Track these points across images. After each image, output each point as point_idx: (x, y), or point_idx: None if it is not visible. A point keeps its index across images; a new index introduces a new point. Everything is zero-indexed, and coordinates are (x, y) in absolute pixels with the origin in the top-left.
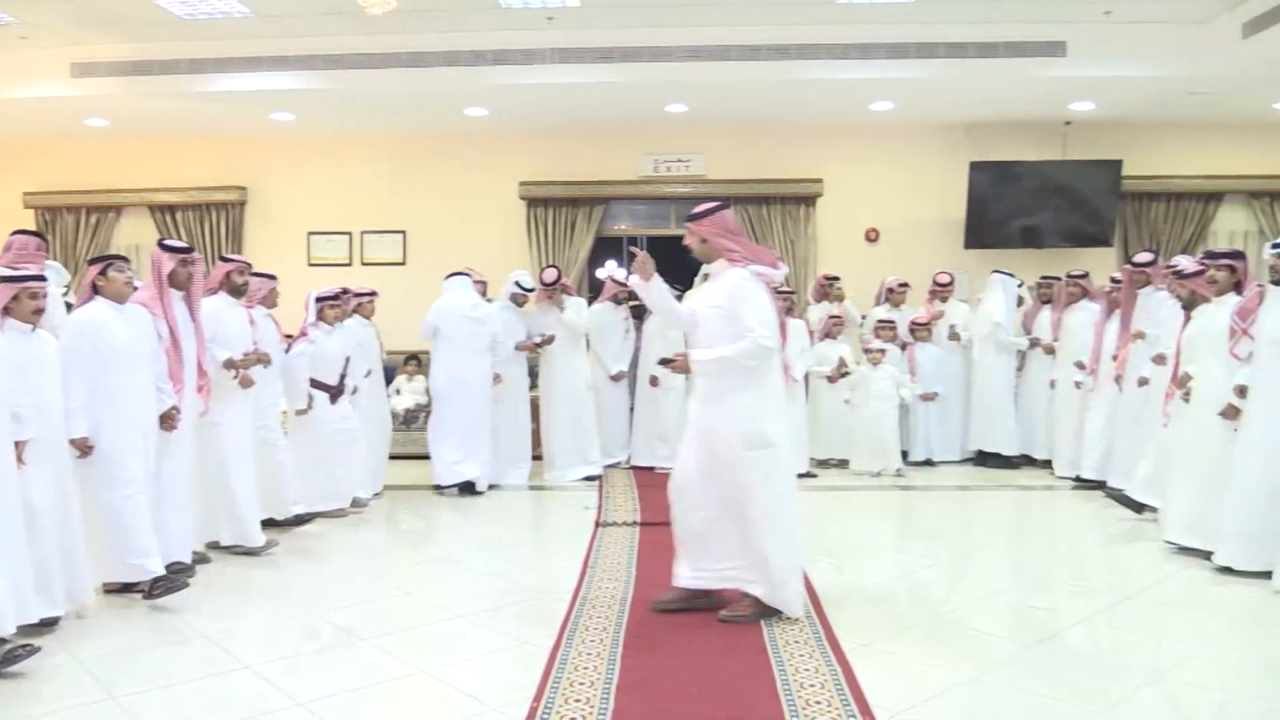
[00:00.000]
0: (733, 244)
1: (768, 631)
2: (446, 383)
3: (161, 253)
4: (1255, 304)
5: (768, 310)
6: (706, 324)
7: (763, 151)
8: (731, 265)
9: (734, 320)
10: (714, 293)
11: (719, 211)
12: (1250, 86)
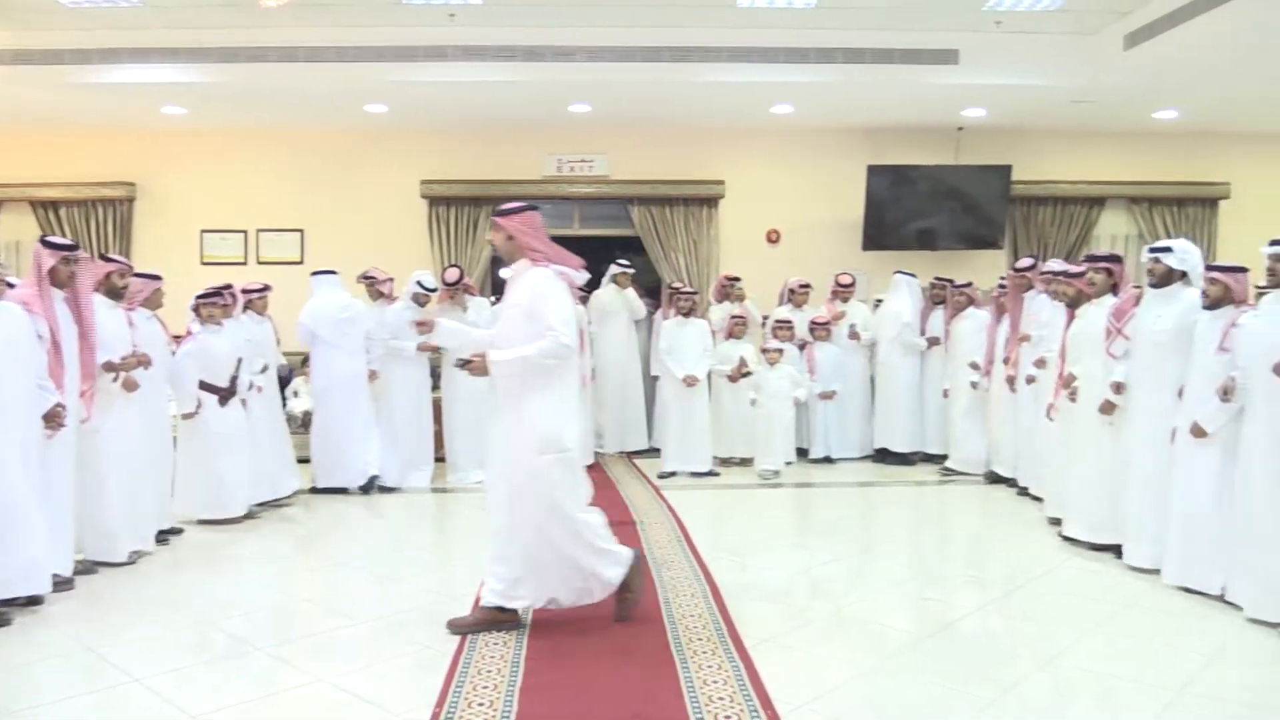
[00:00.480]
0: (538, 244)
1: (671, 630)
2: (325, 385)
3: (42, 249)
4: (1130, 305)
5: (568, 309)
6: (506, 324)
7: (665, 152)
8: (534, 265)
9: (534, 319)
10: (515, 292)
11: (528, 211)
12: (1131, 96)
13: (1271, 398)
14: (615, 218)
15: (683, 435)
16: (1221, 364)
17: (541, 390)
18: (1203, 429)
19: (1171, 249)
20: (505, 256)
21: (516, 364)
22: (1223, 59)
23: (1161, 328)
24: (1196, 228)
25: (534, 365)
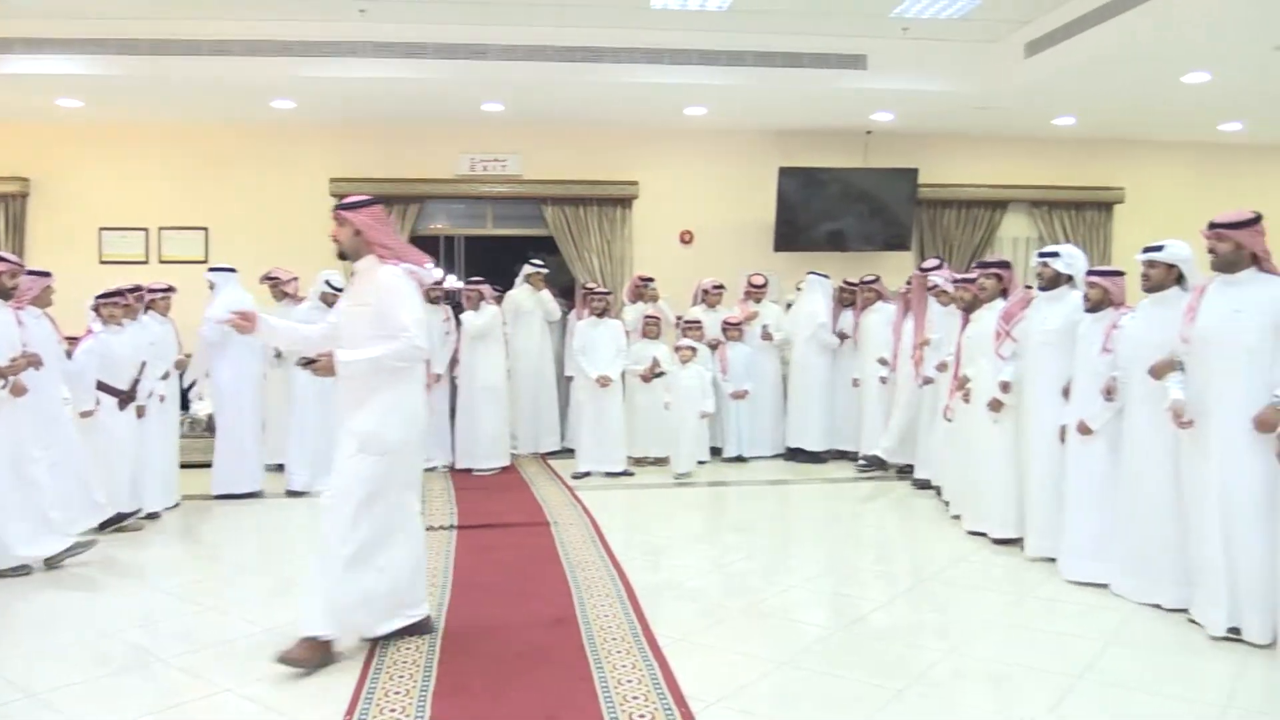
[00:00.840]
0: (387, 240)
1: (585, 630)
2: (227, 388)
3: None
4: (1019, 308)
5: (420, 310)
6: (351, 323)
7: (580, 153)
8: (382, 262)
9: (383, 319)
10: (361, 290)
11: (373, 204)
12: (1032, 103)
13: (1149, 396)
14: (529, 218)
15: (597, 435)
16: (1104, 364)
17: (382, 391)
18: (1089, 426)
19: (1059, 254)
20: (350, 253)
21: (365, 365)
22: (1117, 68)
23: (1049, 329)
24: (1093, 231)
25: (382, 367)
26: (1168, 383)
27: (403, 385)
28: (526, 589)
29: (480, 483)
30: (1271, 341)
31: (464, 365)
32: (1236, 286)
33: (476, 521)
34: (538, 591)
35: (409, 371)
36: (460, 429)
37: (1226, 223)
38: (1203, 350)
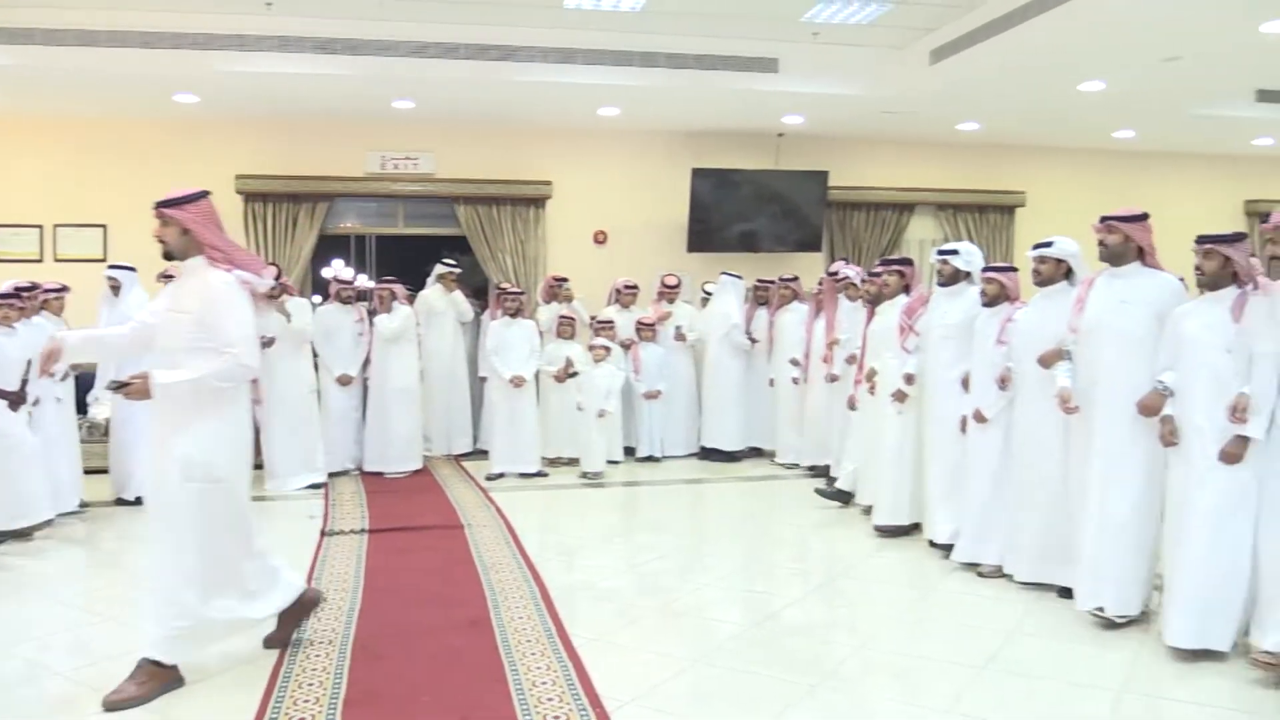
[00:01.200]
0: (218, 241)
1: (499, 633)
2: None
3: None
4: (920, 303)
5: (250, 324)
6: (168, 331)
7: (493, 152)
8: (211, 265)
9: (208, 331)
10: (184, 295)
11: (203, 199)
12: (937, 108)
13: (1040, 386)
14: (441, 217)
15: (510, 436)
16: (999, 356)
17: (207, 414)
18: (984, 415)
19: (958, 251)
20: (178, 254)
21: (186, 387)
22: (1017, 76)
23: (949, 323)
24: (996, 233)
25: (206, 388)
26: (1056, 371)
27: (229, 407)
28: (440, 592)
29: (392, 485)
30: (1155, 331)
31: (376, 367)
32: (1122, 279)
33: (388, 525)
34: (451, 595)
35: (235, 391)
36: (372, 431)
37: (1118, 216)
38: (1090, 340)
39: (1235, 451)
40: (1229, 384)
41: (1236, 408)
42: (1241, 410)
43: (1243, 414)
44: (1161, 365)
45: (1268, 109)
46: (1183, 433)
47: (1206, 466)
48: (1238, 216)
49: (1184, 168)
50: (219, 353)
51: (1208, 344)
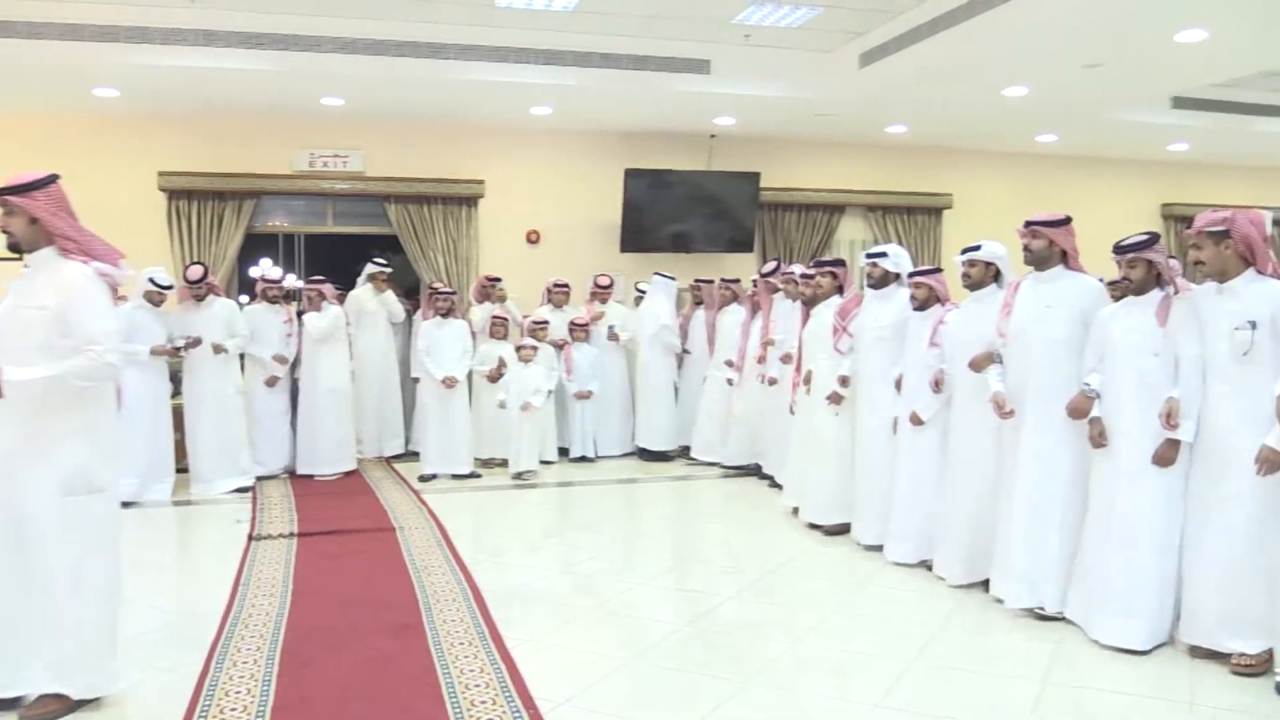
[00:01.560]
0: (71, 231)
1: (432, 636)
2: None
3: None
4: (854, 305)
5: (113, 319)
6: (19, 329)
7: (424, 150)
8: (65, 257)
9: (68, 327)
10: (38, 289)
11: (53, 183)
12: (866, 111)
13: (973, 388)
14: (371, 215)
15: (442, 437)
16: (932, 358)
17: (68, 414)
18: (920, 418)
19: (887, 254)
20: (25, 244)
21: (41, 386)
22: (943, 80)
23: (881, 324)
24: (924, 234)
25: (64, 387)
26: (987, 375)
27: (95, 408)
28: (370, 596)
29: (323, 488)
30: (1080, 334)
31: (306, 368)
32: (1047, 283)
33: (318, 528)
34: (382, 598)
35: (99, 392)
36: (302, 433)
37: (1041, 221)
38: (1018, 343)
39: (1167, 455)
40: (1156, 387)
41: (1169, 414)
42: (1173, 416)
43: (1174, 419)
44: (1087, 368)
45: (1182, 115)
46: (1110, 435)
47: (1135, 469)
48: (1154, 219)
49: (1104, 172)
50: (79, 351)
51: (1134, 347)
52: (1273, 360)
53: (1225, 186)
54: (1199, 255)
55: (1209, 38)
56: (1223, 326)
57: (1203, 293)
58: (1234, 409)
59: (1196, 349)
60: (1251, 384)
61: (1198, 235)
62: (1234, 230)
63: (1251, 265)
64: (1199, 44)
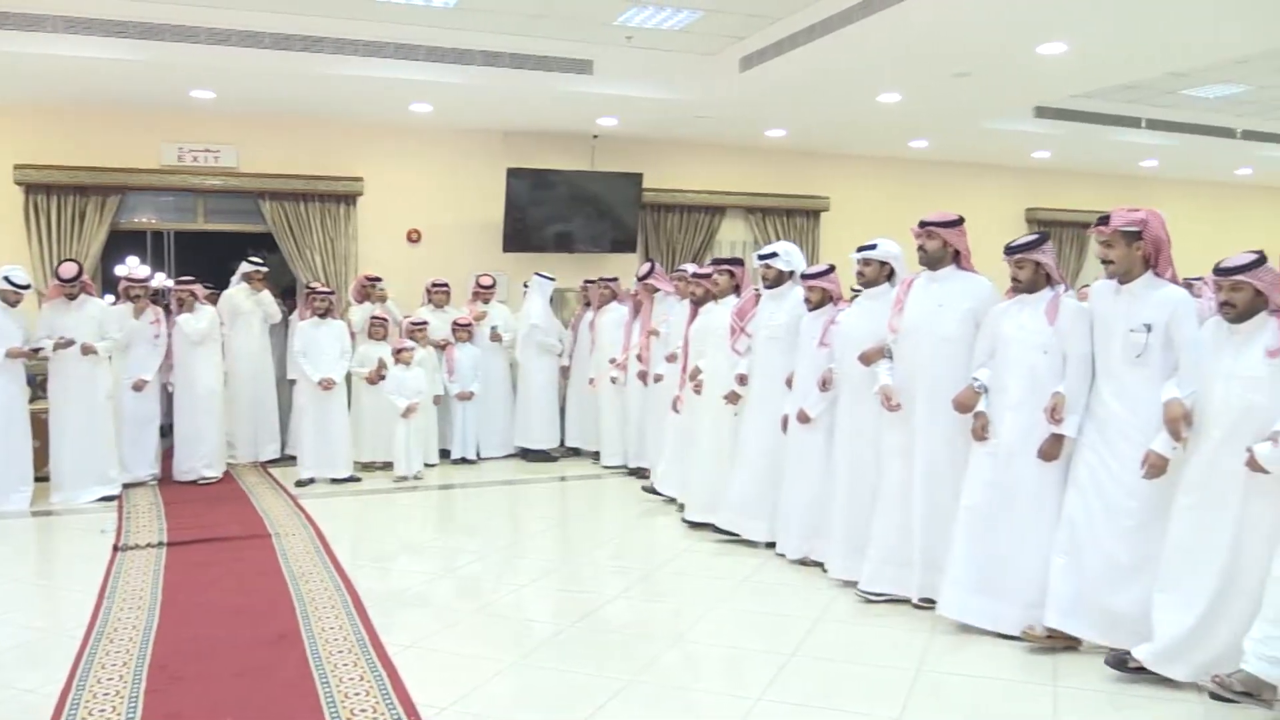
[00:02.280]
0: None
1: (309, 645)
2: None
3: None
4: (751, 305)
5: None
6: None
7: (300, 146)
8: None
9: None
10: None
11: None
12: (746, 114)
13: (862, 386)
14: (245, 212)
15: (320, 441)
16: (822, 357)
17: None
18: (808, 415)
19: (778, 254)
20: None
21: None
22: (820, 86)
23: (776, 324)
24: (802, 236)
25: None
26: (877, 369)
27: None
28: (245, 605)
29: (195, 494)
30: (970, 331)
31: (180, 370)
32: (939, 282)
33: (189, 537)
34: (257, 608)
35: None
36: (180, 438)
37: (935, 221)
38: (909, 339)
39: (1051, 450)
40: (1044, 383)
41: (1054, 409)
42: (1057, 411)
43: (1059, 414)
44: (977, 363)
45: (1045, 124)
46: (995, 428)
47: (1018, 462)
48: (1020, 223)
49: (973, 177)
50: None
51: (1024, 344)
52: (1162, 364)
53: (1084, 193)
54: (1109, 254)
55: (1068, 51)
56: (1118, 327)
57: (1099, 292)
58: (1121, 408)
59: (1085, 348)
60: (1140, 386)
61: (1112, 234)
62: (1147, 232)
63: (1152, 268)
64: (1059, 56)
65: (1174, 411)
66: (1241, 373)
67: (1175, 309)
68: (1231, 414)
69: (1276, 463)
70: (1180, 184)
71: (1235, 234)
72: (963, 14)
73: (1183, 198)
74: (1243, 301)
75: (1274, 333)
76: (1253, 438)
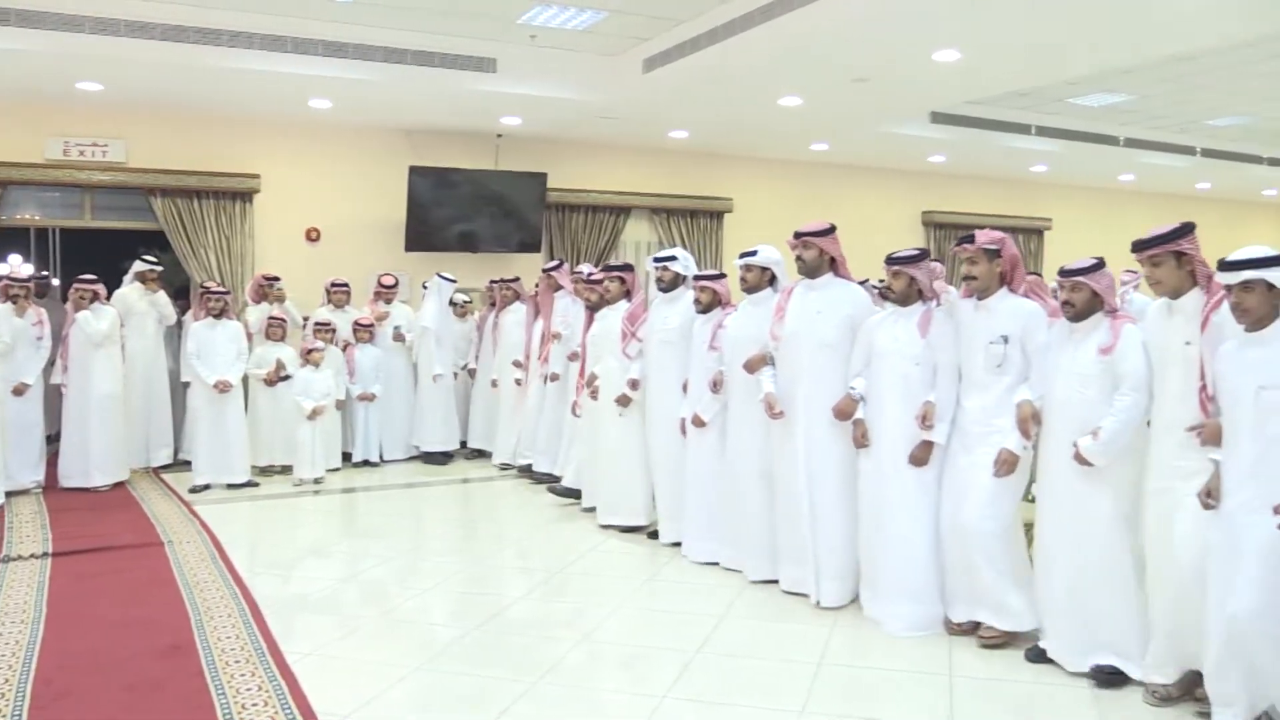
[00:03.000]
0: None
1: (205, 655)
2: None
3: None
4: (642, 309)
5: None
6: None
7: (194, 141)
8: None
9: None
10: None
11: None
12: (649, 116)
13: (748, 389)
14: (135, 209)
15: (216, 445)
16: (712, 360)
17: None
18: (702, 419)
19: (676, 257)
20: None
21: None
22: (722, 88)
23: (669, 328)
24: (706, 237)
25: None
26: (761, 377)
27: None
28: (136, 616)
29: (83, 502)
30: (848, 338)
31: (76, 373)
32: (818, 290)
33: (77, 546)
34: (149, 618)
35: None
36: (72, 443)
37: (809, 231)
38: (790, 347)
39: (921, 455)
40: (916, 392)
41: (925, 416)
42: (928, 418)
43: (929, 421)
44: (853, 372)
45: (940, 129)
46: (873, 435)
47: (896, 467)
48: (917, 226)
49: (872, 180)
50: None
51: (897, 354)
52: (1019, 372)
53: (978, 197)
54: (973, 270)
55: (962, 58)
56: (979, 340)
57: (962, 306)
58: (982, 415)
59: (953, 358)
60: (1002, 393)
61: (976, 251)
62: (1004, 250)
63: (1007, 285)
64: (953, 63)
65: (1024, 411)
66: (1077, 369)
67: (1028, 320)
68: (1068, 409)
69: (1099, 455)
70: (1068, 189)
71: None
72: (861, 21)
73: (1070, 202)
74: (1081, 301)
75: (1106, 332)
76: (1083, 431)
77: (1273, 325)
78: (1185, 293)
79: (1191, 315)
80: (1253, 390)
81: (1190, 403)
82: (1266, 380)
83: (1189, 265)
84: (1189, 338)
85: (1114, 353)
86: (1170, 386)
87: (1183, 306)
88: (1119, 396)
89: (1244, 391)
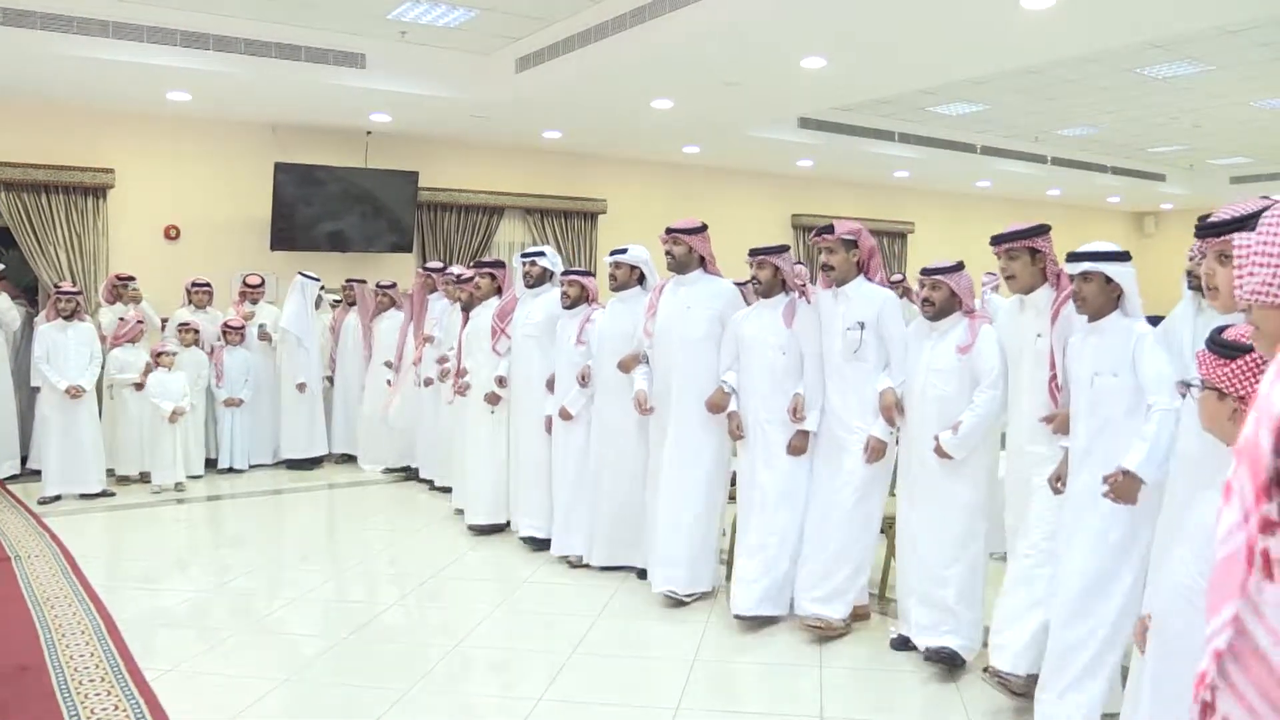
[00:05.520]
0: None
1: (56, 676)
2: None
3: None
4: (512, 306)
5: None
6: None
7: (41, 133)
8: None
9: None
10: None
11: None
12: (522, 115)
13: (617, 383)
14: None
15: (67, 453)
16: (579, 355)
17: None
18: (569, 413)
19: (544, 253)
20: None
21: None
22: (594, 90)
23: (533, 323)
24: (580, 238)
25: None
26: (634, 375)
27: None
28: None
29: None
30: (717, 333)
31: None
32: (687, 286)
33: None
34: None
35: None
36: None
37: (680, 229)
38: (661, 343)
39: (799, 445)
40: (784, 382)
41: (795, 409)
42: (799, 409)
43: (801, 412)
44: (724, 366)
45: (807, 135)
46: (746, 426)
47: (768, 456)
48: (786, 228)
49: (742, 183)
50: None
51: (764, 345)
52: (877, 357)
53: (844, 201)
54: (831, 260)
55: (828, 65)
56: (837, 327)
57: (822, 296)
58: (845, 401)
59: (817, 347)
60: (860, 378)
61: (835, 241)
62: (861, 241)
63: (864, 273)
64: (819, 70)
65: (888, 399)
66: (936, 366)
67: (882, 306)
68: (927, 404)
69: (958, 449)
70: (928, 194)
71: (976, 240)
72: (731, 26)
73: (930, 206)
74: (940, 300)
75: (964, 331)
76: (942, 426)
77: (1110, 316)
78: (1037, 289)
79: (1042, 310)
80: (1089, 377)
81: (1041, 394)
82: (1100, 367)
83: (1042, 263)
84: (1040, 330)
85: (972, 351)
86: (1023, 378)
87: (1034, 302)
88: (978, 393)
89: (1082, 378)
